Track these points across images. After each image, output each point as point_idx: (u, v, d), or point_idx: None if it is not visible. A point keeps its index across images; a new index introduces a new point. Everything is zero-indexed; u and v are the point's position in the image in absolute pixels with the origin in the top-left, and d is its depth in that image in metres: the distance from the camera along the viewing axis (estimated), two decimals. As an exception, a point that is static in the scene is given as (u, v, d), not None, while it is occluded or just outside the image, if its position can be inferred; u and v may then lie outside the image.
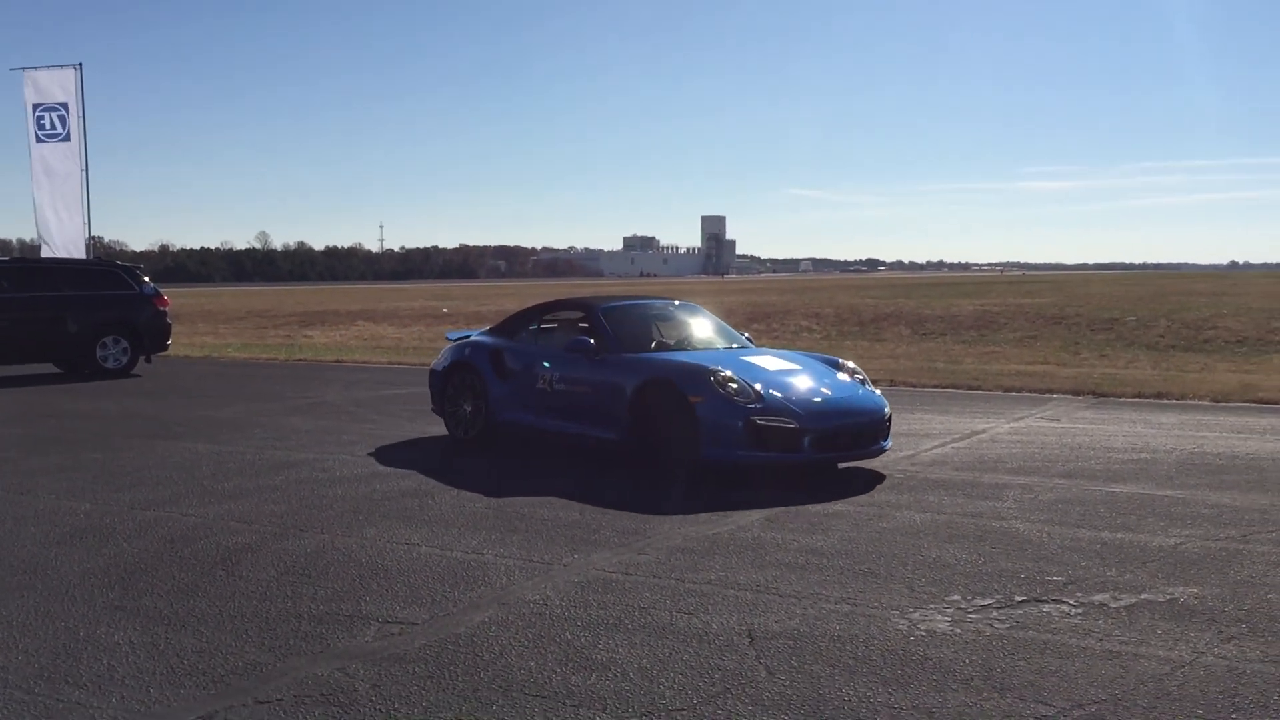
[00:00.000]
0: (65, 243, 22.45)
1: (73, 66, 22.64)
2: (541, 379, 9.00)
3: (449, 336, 10.70)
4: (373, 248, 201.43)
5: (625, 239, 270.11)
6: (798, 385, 7.92)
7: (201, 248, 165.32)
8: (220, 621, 4.67)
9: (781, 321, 28.51)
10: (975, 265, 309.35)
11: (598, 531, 6.22)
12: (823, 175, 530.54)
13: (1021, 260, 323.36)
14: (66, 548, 5.97)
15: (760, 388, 7.70)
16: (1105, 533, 6.06)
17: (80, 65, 22.59)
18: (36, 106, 22.61)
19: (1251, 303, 29.62)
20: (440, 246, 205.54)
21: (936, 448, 9.07)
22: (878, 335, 24.76)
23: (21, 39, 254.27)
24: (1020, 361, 17.83)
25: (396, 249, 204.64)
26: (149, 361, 17.69)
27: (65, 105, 22.48)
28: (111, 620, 4.70)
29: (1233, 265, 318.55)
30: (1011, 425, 10.39)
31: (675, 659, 4.15)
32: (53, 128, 22.54)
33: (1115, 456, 8.55)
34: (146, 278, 17.71)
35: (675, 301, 10.18)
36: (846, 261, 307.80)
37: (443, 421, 10.00)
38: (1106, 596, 4.87)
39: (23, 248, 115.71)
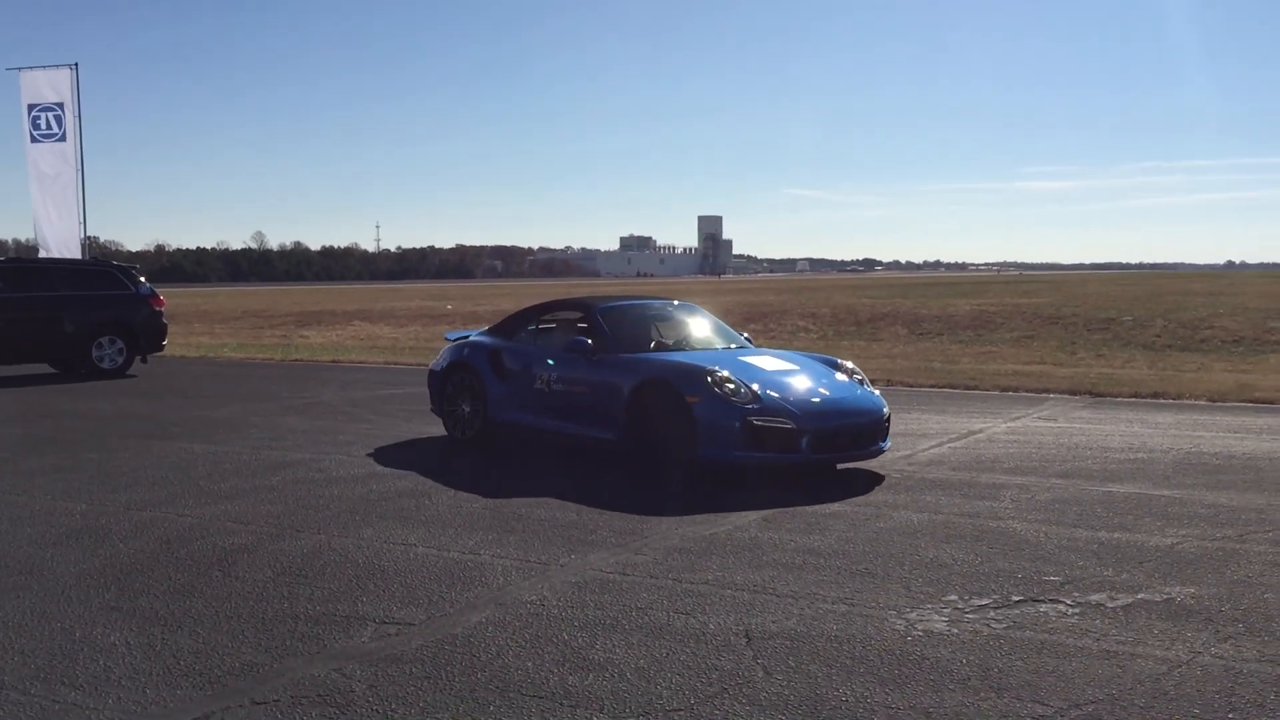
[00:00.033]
0: (60, 243, 22.42)
1: (68, 66, 22.62)
2: (539, 379, 8.99)
3: (448, 337, 10.69)
4: (369, 248, 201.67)
5: (622, 239, 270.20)
6: (796, 385, 7.90)
7: (197, 248, 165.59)
8: (217, 622, 4.66)
9: (778, 321, 28.52)
10: (972, 265, 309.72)
11: (595, 532, 6.21)
12: (820, 175, 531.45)
13: (1021, 260, 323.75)
14: (62, 548, 5.96)
15: (757, 388, 7.68)
16: (1102, 532, 6.07)
17: (76, 65, 22.59)
18: (32, 107, 22.58)
19: (1248, 302, 29.68)
20: (437, 246, 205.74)
21: (933, 448, 9.08)
22: (874, 335, 24.77)
23: (18, 39, 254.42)
24: (1017, 361, 17.85)
25: (393, 249, 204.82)
26: (145, 361, 17.67)
27: (61, 105, 22.45)
28: (108, 621, 4.69)
29: (1229, 265, 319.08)
30: (1008, 425, 10.40)
31: (672, 659, 4.14)
32: (49, 128, 22.52)
33: (1112, 456, 8.55)
34: (142, 278, 17.70)
35: (674, 302, 10.15)
36: (843, 261, 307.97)
37: (441, 422, 9.99)
38: (1103, 596, 4.88)
39: (18, 248, 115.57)
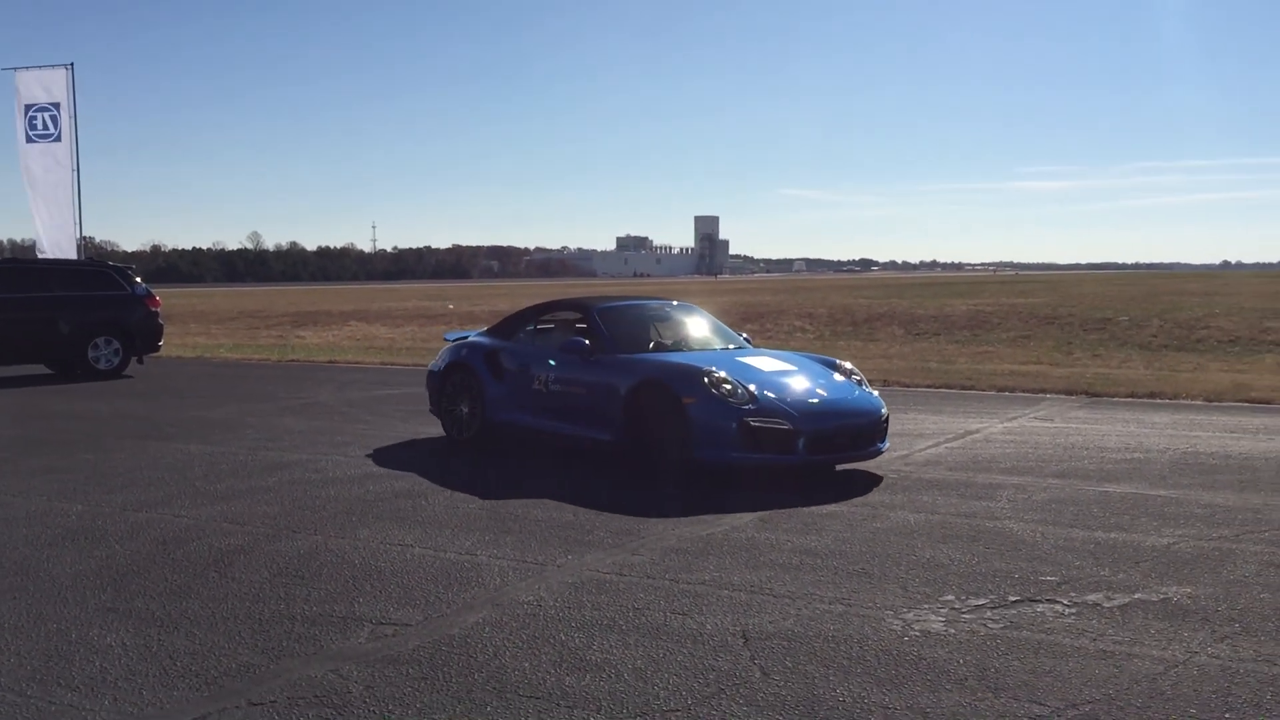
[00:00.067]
0: (56, 243, 22.40)
1: (64, 67, 22.61)
2: (537, 380, 8.98)
3: (446, 337, 10.67)
4: (365, 248, 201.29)
5: (619, 239, 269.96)
6: (793, 386, 7.87)
7: (193, 248, 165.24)
8: (213, 623, 4.66)
9: (775, 322, 28.53)
10: (969, 265, 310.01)
11: (592, 532, 6.21)
12: (817, 175, 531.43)
13: (1019, 260, 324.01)
14: (58, 549, 5.95)
15: (754, 388, 7.66)
16: (1099, 532, 6.07)
17: (71, 65, 22.58)
18: (29, 107, 22.57)
19: (1244, 302, 29.74)
20: (433, 247, 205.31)
21: (930, 448, 9.08)
22: (871, 335, 24.78)
23: (13, 39, 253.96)
24: (1014, 361, 17.86)
25: (389, 249, 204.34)
26: (141, 362, 17.65)
27: (57, 105, 22.43)
28: (104, 622, 4.68)
29: (1225, 265, 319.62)
30: (1005, 425, 10.40)
31: (670, 660, 4.14)
32: (44, 128, 22.49)
33: (1108, 456, 8.56)
34: (138, 278, 17.68)
35: (673, 302, 10.12)
36: (840, 261, 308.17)
37: (439, 422, 9.98)
38: (1100, 596, 4.88)
39: (14, 248, 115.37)
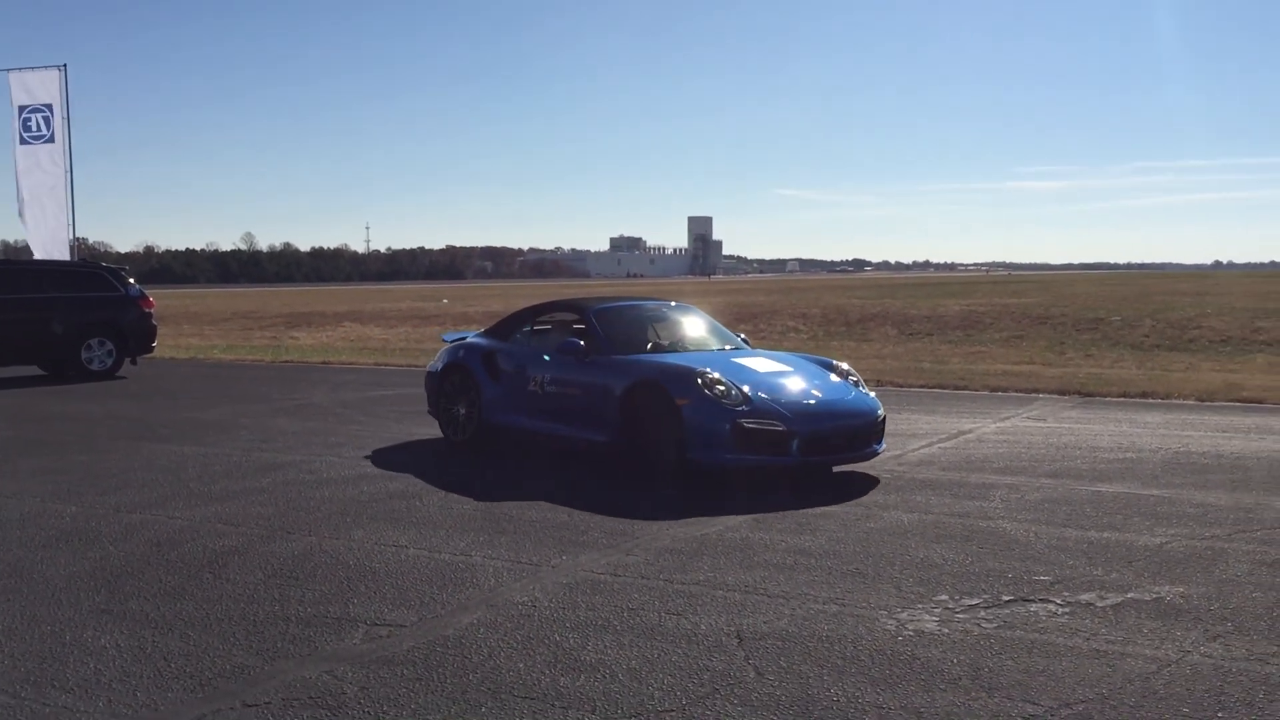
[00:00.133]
0: (49, 244, 22.33)
1: (57, 68, 22.54)
2: (533, 381, 8.97)
3: (445, 339, 10.65)
4: (359, 249, 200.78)
5: (612, 239, 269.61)
6: (788, 387, 7.86)
7: (187, 249, 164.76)
8: (207, 625, 4.65)
9: (768, 322, 28.54)
10: (961, 265, 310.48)
11: (586, 533, 6.22)
12: (811, 175, 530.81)
13: (1013, 260, 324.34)
14: (52, 551, 5.94)
15: (748, 390, 7.65)
16: (1092, 532, 6.09)
17: (65, 66, 22.51)
18: (23, 108, 22.51)
19: (1235, 302, 29.82)
20: (427, 247, 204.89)
21: (923, 448, 9.10)
22: (864, 335, 24.81)
23: (7, 39, 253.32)
24: (1006, 361, 17.89)
25: (383, 250, 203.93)
26: (134, 363, 17.61)
27: (50, 106, 22.38)
28: (98, 624, 4.68)
29: (1217, 265, 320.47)
30: (998, 425, 10.43)
31: (664, 660, 4.15)
32: (38, 129, 22.44)
33: (1101, 456, 8.59)
34: (131, 279, 17.63)
35: (671, 303, 10.09)
36: (833, 262, 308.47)
37: (434, 423, 9.97)
38: (1093, 596, 4.90)
39: (7, 249, 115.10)
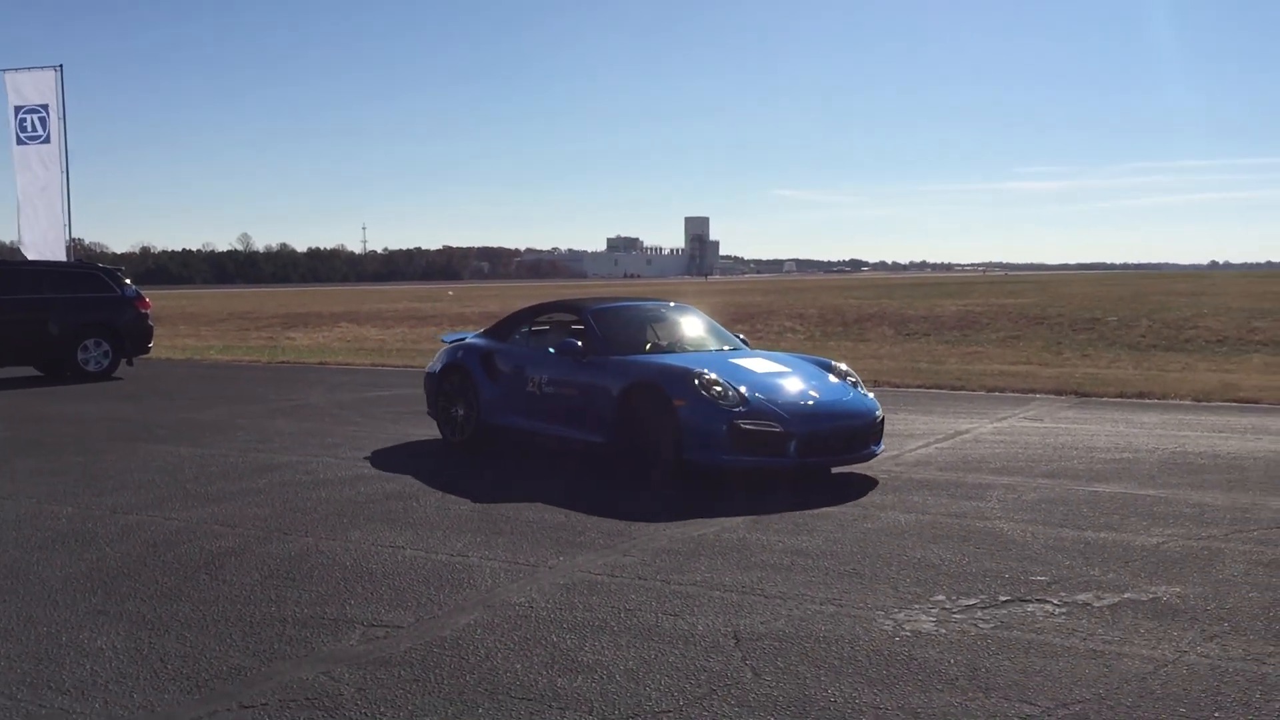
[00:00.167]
0: (45, 245, 22.30)
1: (53, 68, 22.52)
2: (531, 382, 8.96)
3: (444, 339, 10.64)
4: (356, 249, 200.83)
5: (609, 240, 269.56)
6: (786, 388, 7.83)
7: (183, 250, 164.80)
8: (204, 626, 4.65)
9: (765, 322, 28.55)
10: (958, 265, 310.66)
11: (583, 534, 6.21)
12: (809, 176, 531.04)
13: (1011, 261, 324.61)
14: (48, 552, 5.93)
15: (745, 390, 7.63)
16: (1088, 532, 6.10)
17: (60, 67, 22.49)
18: (19, 109, 22.48)
19: (1231, 302, 29.86)
20: (423, 248, 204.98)
21: (920, 448, 9.10)
22: (861, 336, 24.82)
23: (4, 40, 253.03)
24: (1003, 361, 17.91)
25: (379, 250, 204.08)
26: (130, 364, 17.59)
27: (45, 107, 22.35)
28: (94, 625, 4.67)
29: (1213, 265, 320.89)
30: (995, 425, 10.44)
31: (661, 661, 4.15)
32: (34, 130, 22.41)
33: (1098, 456, 8.59)
34: (128, 280, 17.63)
35: (669, 303, 10.08)
36: (830, 262, 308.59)
37: (431, 424, 9.96)
38: (1090, 596, 4.90)
39: (2, 250, 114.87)
